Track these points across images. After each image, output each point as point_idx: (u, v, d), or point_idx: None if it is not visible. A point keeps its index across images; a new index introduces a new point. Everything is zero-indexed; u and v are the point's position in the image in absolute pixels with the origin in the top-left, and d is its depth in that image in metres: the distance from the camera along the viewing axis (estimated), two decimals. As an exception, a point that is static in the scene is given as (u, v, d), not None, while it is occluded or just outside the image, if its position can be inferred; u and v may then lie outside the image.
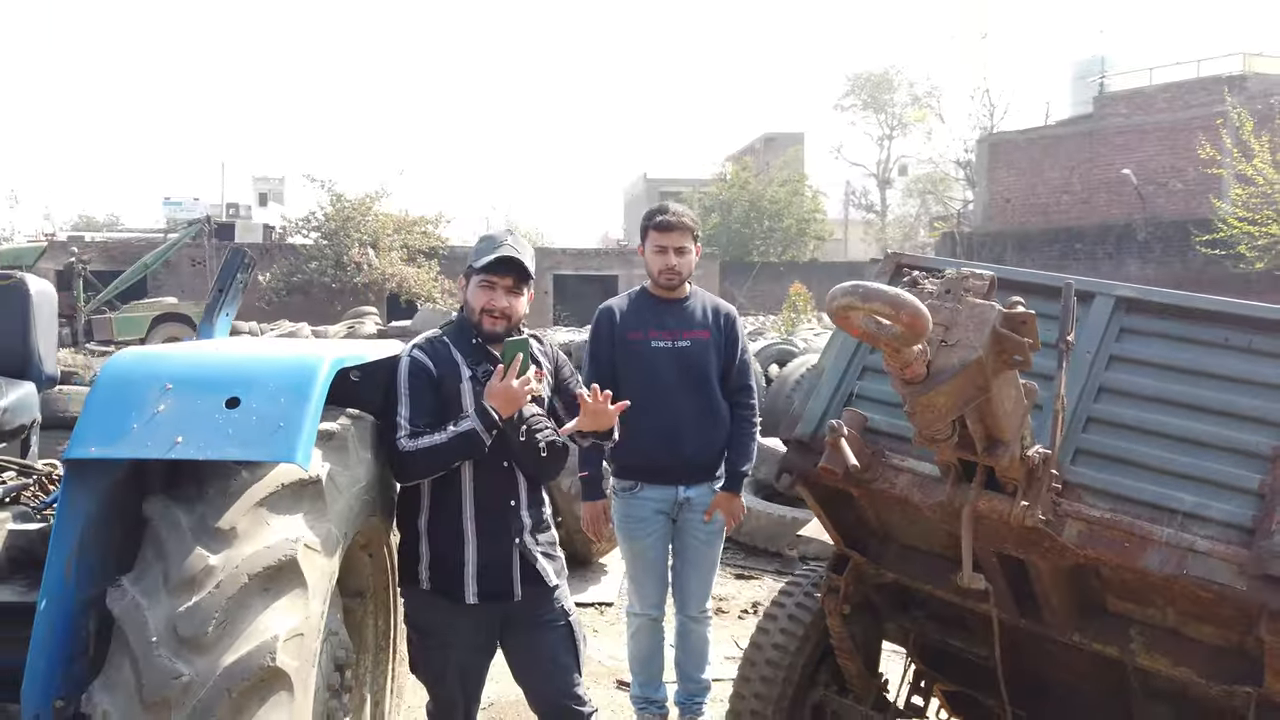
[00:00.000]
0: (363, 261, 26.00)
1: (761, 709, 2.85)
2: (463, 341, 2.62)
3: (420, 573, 2.57)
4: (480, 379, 2.55)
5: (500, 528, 2.55)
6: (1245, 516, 1.93)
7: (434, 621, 2.59)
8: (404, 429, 2.47)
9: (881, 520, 2.63)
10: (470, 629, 2.59)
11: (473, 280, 2.61)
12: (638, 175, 55.37)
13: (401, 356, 2.57)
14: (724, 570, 6.11)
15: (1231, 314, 2.15)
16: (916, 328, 1.48)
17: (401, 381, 2.52)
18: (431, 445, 2.45)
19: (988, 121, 35.98)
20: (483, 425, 2.44)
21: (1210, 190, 21.16)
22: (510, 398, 2.45)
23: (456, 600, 2.54)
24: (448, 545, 2.55)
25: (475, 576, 2.53)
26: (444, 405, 2.53)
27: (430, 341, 2.62)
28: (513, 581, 2.56)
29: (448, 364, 2.56)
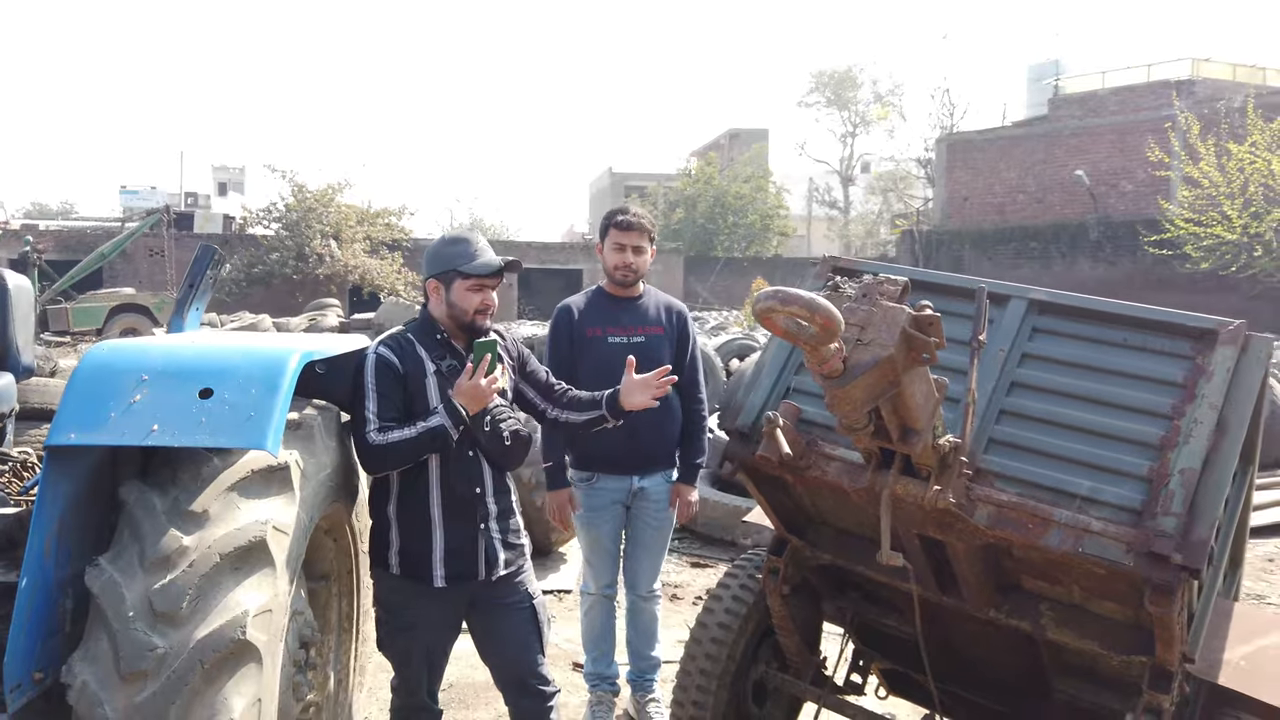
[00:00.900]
0: (325, 253, 25.83)
1: (705, 684, 3.03)
2: (427, 338, 2.71)
3: (390, 558, 2.68)
4: (445, 373, 2.65)
5: (466, 514, 2.67)
6: (1135, 500, 2.13)
7: (402, 603, 2.71)
8: (372, 423, 2.56)
9: (817, 505, 2.81)
10: (437, 611, 2.71)
11: (457, 283, 2.66)
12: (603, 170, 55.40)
13: (368, 354, 2.65)
14: (680, 559, 6.29)
15: (1130, 316, 2.36)
16: (830, 328, 1.66)
17: (369, 377, 2.60)
18: (401, 439, 2.54)
19: (948, 121, 36.52)
20: (451, 421, 2.54)
21: (1159, 192, 21.75)
22: (477, 395, 2.56)
23: (425, 583, 2.66)
24: (416, 531, 2.66)
25: (443, 561, 2.65)
26: (410, 400, 2.63)
27: (395, 339, 2.70)
28: (477, 563, 2.67)
29: (413, 360, 2.65)
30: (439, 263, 2.70)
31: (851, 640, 3.42)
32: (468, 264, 2.65)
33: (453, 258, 2.67)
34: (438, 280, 2.71)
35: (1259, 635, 2.65)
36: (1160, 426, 2.19)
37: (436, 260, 2.71)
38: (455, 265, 2.66)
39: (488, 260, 2.67)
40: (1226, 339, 2.20)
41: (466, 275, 2.65)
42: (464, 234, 2.78)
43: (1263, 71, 25.87)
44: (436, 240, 2.80)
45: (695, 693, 3.03)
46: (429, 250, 2.78)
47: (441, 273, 2.69)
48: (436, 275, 2.71)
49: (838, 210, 48.53)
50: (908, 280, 1.93)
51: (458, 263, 2.66)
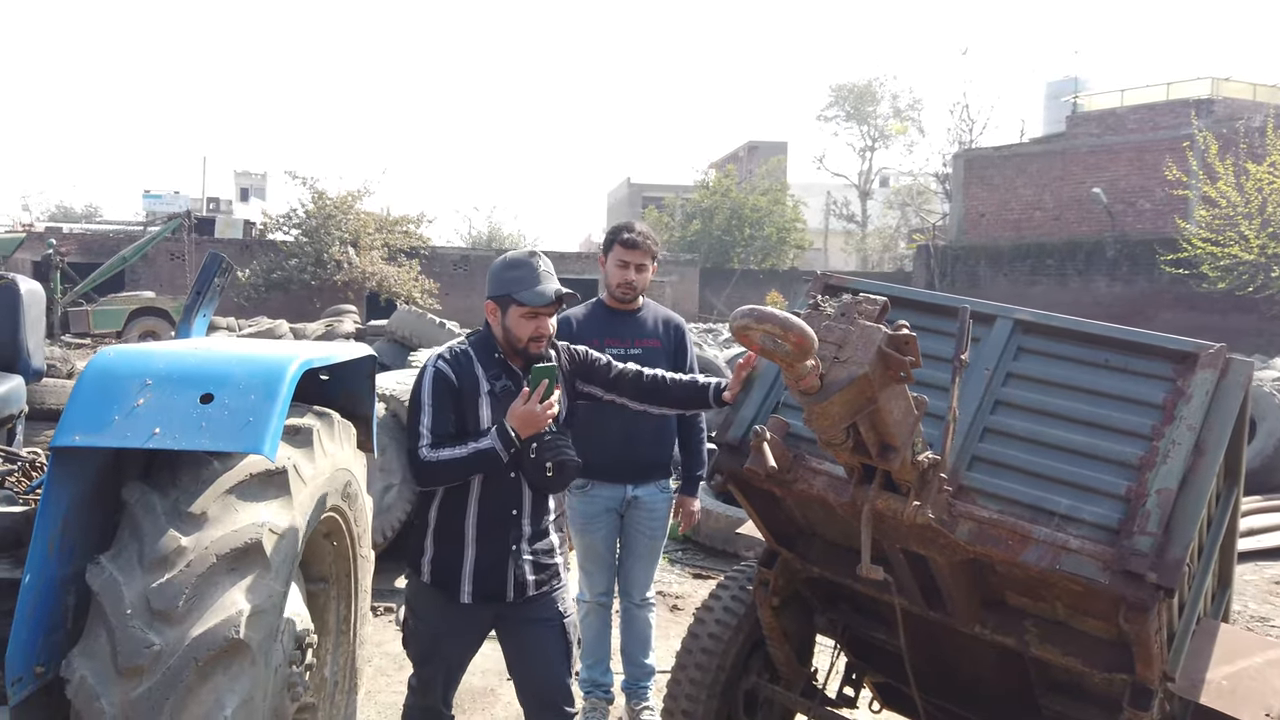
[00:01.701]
0: (343, 260, 26.06)
1: (695, 694, 3.06)
2: (485, 355, 2.71)
3: (423, 565, 2.73)
4: (499, 394, 2.67)
5: (499, 535, 2.69)
6: (1113, 519, 2.16)
7: (429, 611, 2.75)
8: (425, 438, 2.58)
9: (806, 518, 2.85)
10: (463, 623, 2.75)
11: (513, 309, 2.65)
12: (621, 180, 55.60)
13: (426, 366, 2.66)
14: (682, 570, 6.33)
15: (1112, 338, 2.39)
16: (803, 346, 1.71)
17: (425, 391, 2.63)
18: (451, 458, 2.56)
19: (966, 136, 36.50)
20: (501, 444, 2.55)
21: (1176, 211, 21.65)
22: (531, 420, 2.56)
23: (452, 597, 2.70)
24: (450, 544, 2.69)
25: (471, 578, 2.68)
26: (462, 417, 2.65)
27: (454, 353, 2.71)
28: (506, 585, 2.70)
29: (469, 377, 2.66)
30: (496, 286, 2.69)
31: (843, 653, 3.45)
32: (523, 292, 2.63)
33: (509, 283, 2.66)
34: (495, 303, 2.70)
35: (1242, 656, 2.66)
36: (1139, 447, 2.22)
37: (495, 283, 2.70)
38: (511, 292, 2.64)
39: (543, 290, 2.64)
40: (1206, 362, 2.23)
41: (521, 303, 2.64)
42: (524, 258, 2.72)
43: (1283, 91, 25.74)
44: (498, 261, 2.75)
45: (685, 701, 3.07)
46: (491, 269, 2.75)
47: (498, 296, 2.68)
48: (494, 298, 2.70)
49: (855, 224, 48.50)
50: (886, 300, 1.98)
51: (514, 289, 2.64)
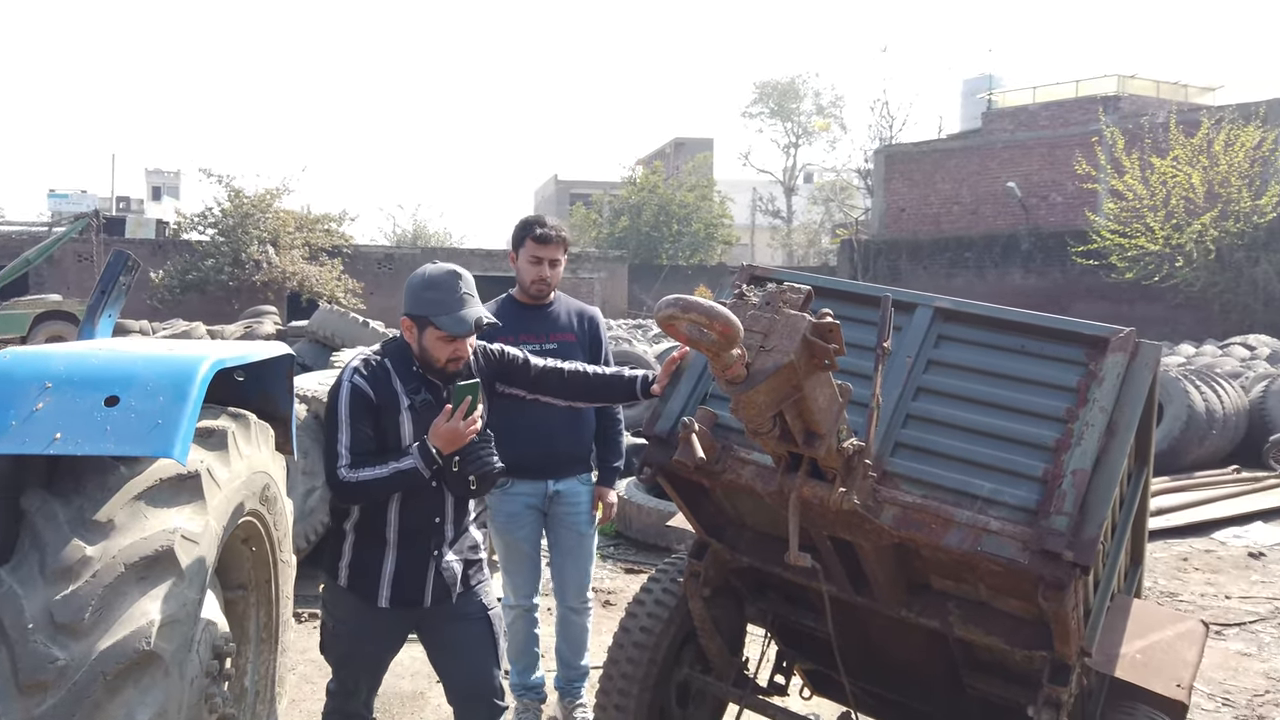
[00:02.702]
0: (262, 260, 25.39)
1: (627, 688, 3.05)
2: (402, 367, 2.63)
3: (340, 570, 2.67)
4: (418, 408, 2.60)
5: (421, 541, 2.65)
6: (1031, 500, 2.21)
7: (346, 615, 2.70)
8: (344, 458, 2.52)
9: (736, 508, 2.86)
10: (381, 627, 2.70)
11: (430, 330, 2.55)
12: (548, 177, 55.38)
13: (342, 382, 2.57)
14: (614, 565, 6.32)
15: (1028, 324, 2.45)
16: (728, 335, 1.71)
17: (342, 409, 2.55)
18: (372, 479, 2.51)
19: (887, 133, 37.25)
20: (423, 463, 2.51)
21: (1087, 204, 22.44)
22: (454, 439, 2.51)
23: (369, 602, 2.64)
24: (369, 551, 2.64)
25: (390, 583, 2.63)
26: (382, 432, 2.58)
27: (369, 365, 2.61)
28: (424, 592, 2.66)
29: (387, 392, 2.58)
30: (414, 304, 2.57)
31: (774, 641, 3.47)
32: (442, 317, 2.53)
33: (428, 304, 2.55)
34: (412, 321, 2.59)
35: (1154, 630, 2.76)
36: (1055, 430, 2.28)
37: (412, 301, 2.58)
38: (429, 314, 2.54)
39: (463, 318, 2.54)
40: (1117, 346, 2.30)
41: (439, 329, 2.54)
42: (444, 278, 2.58)
43: (1184, 88, 26.87)
44: (417, 276, 2.61)
45: (617, 696, 3.06)
46: (409, 283, 2.61)
47: (416, 315, 2.58)
48: (411, 316, 2.59)
49: (781, 219, 49.13)
50: (810, 289, 1.99)
51: (432, 312, 2.54)
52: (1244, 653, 4.97)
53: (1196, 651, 2.70)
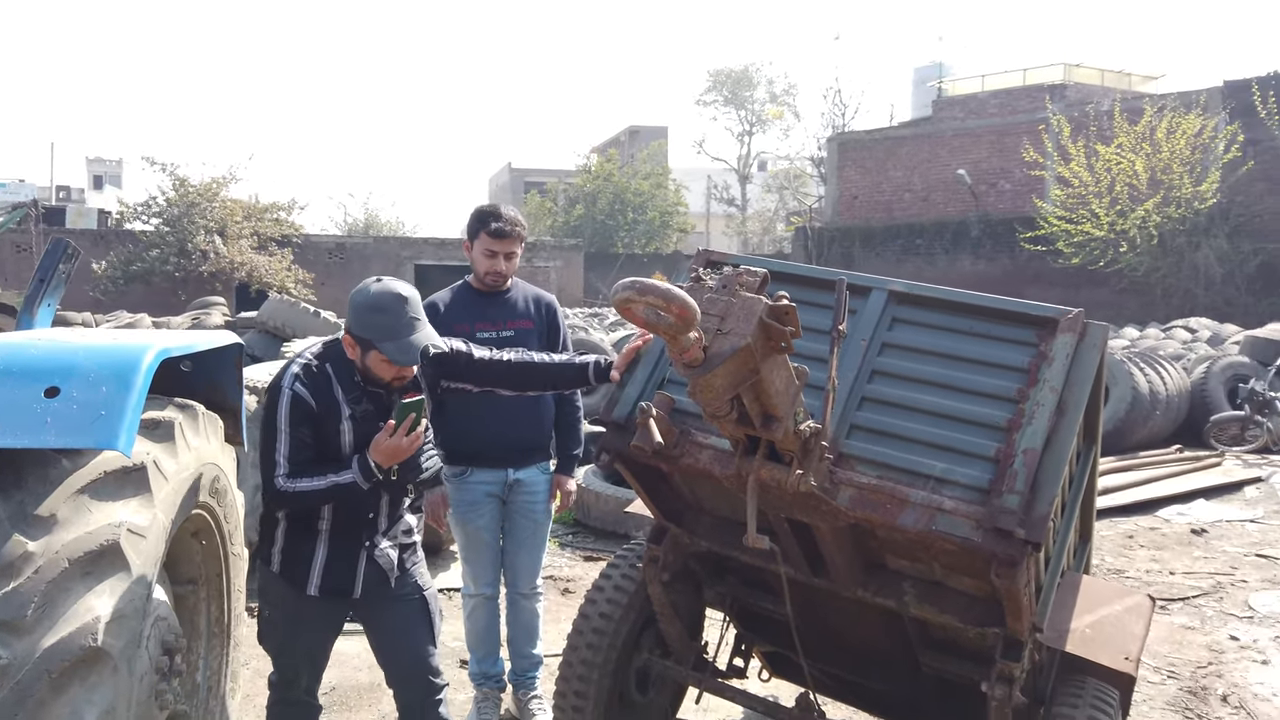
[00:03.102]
0: (209, 250, 24.86)
1: (587, 674, 3.05)
2: (344, 376, 2.57)
3: (273, 555, 2.65)
4: (359, 418, 2.57)
5: (353, 533, 2.64)
6: (983, 479, 2.24)
7: (279, 601, 2.68)
8: (282, 467, 2.50)
9: (694, 493, 2.87)
10: (312, 615, 2.69)
11: (374, 353, 2.49)
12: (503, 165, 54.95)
13: (282, 388, 2.51)
14: (573, 553, 6.31)
15: (980, 306, 2.48)
16: (686, 317, 1.70)
17: (282, 417, 2.50)
18: (310, 490, 2.49)
19: (839, 121, 37.51)
20: (363, 478, 2.48)
21: (1034, 191, 22.83)
22: (396, 455, 2.47)
23: (299, 589, 2.63)
24: (301, 538, 2.63)
25: (320, 573, 2.62)
26: (322, 441, 2.55)
27: (310, 373, 2.55)
28: (354, 582, 2.66)
29: (328, 400, 2.54)
30: (358, 325, 2.50)
31: (732, 625, 3.49)
32: (387, 344, 2.46)
33: (372, 329, 2.47)
34: (354, 341, 2.52)
35: (1103, 605, 2.83)
36: (1007, 410, 2.31)
37: (356, 322, 2.50)
38: (374, 339, 2.47)
39: (410, 345, 2.47)
40: (1066, 326, 2.34)
41: (384, 355, 2.48)
42: (391, 302, 2.48)
43: (1128, 77, 27.43)
44: (362, 295, 2.51)
45: (577, 683, 3.05)
46: (353, 301, 2.52)
47: (359, 337, 2.51)
48: (354, 336, 2.52)
49: (736, 207, 49.30)
50: (766, 272, 1.99)
51: (377, 337, 2.47)
52: (1188, 626, 5.12)
53: (1144, 625, 2.77)
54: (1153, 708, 4.10)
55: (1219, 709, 4.11)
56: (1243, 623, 5.18)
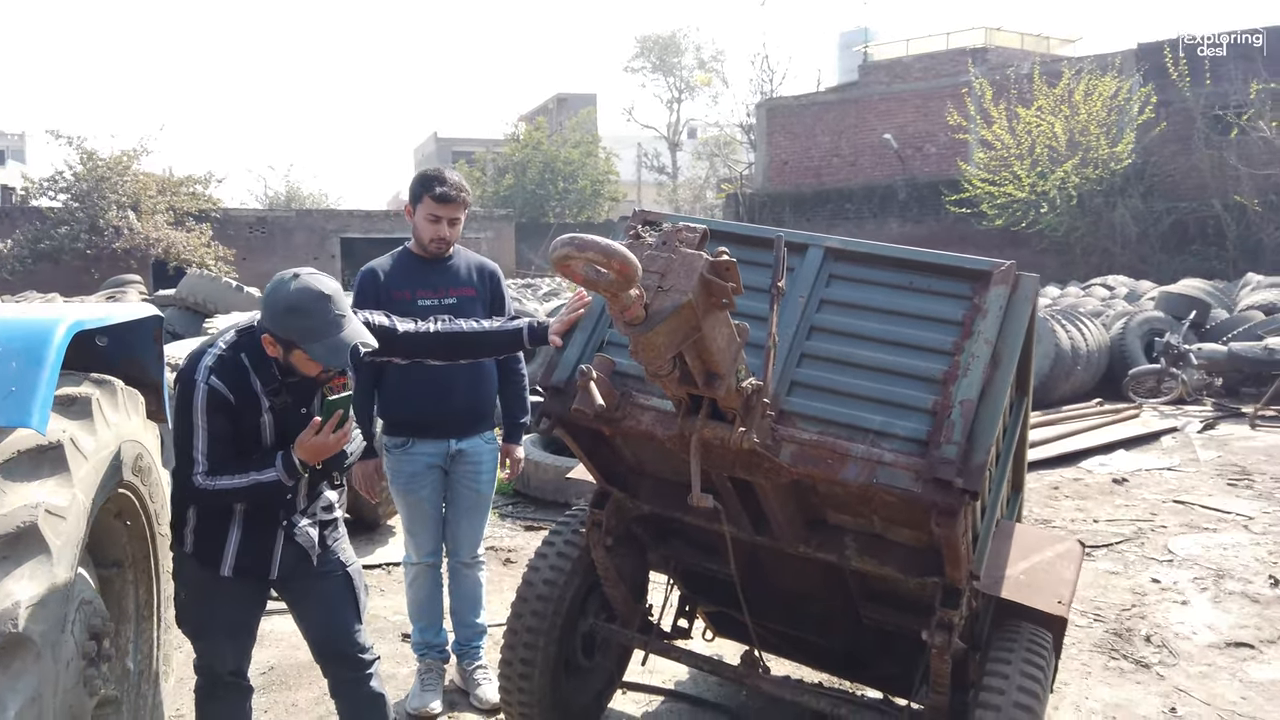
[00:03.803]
0: (122, 226, 23.91)
1: (533, 641, 3.03)
2: (262, 368, 2.46)
3: (185, 536, 2.56)
4: (279, 410, 2.49)
5: (270, 513, 2.56)
6: (921, 432, 2.27)
7: (194, 580, 2.59)
8: (201, 465, 2.40)
9: (636, 456, 2.85)
10: (228, 596, 2.60)
11: (298, 353, 2.38)
12: (428, 134, 53.91)
13: (197, 383, 2.39)
14: (513, 523, 6.28)
15: (915, 260, 2.50)
16: (627, 274, 1.67)
17: (199, 414, 2.39)
18: (230, 488, 2.41)
19: (768, 87, 37.59)
20: (287, 475, 2.42)
21: (958, 154, 23.23)
22: (322, 452, 2.42)
23: (213, 570, 2.54)
24: (214, 518, 2.54)
25: (234, 553, 2.54)
26: (241, 436, 2.46)
27: (226, 366, 2.42)
28: (271, 563, 2.58)
29: (246, 394, 2.44)
30: (277, 327, 2.36)
31: (676, 587, 3.51)
32: (313, 344, 2.34)
33: (295, 332, 2.34)
34: (274, 339, 2.39)
35: (1035, 551, 2.91)
36: (943, 362, 2.34)
37: (275, 324, 2.36)
38: (297, 341, 2.35)
39: (337, 345, 2.34)
40: (999, 279, 2.37)
41: (310, 356, 2.37)
42: (312, 304, 2.34)
43: (1047, 40, 28.00)
44: (280, 296, 2.35)
45: (523, 650, 3.03)
46: (271, 298, 2.37)
47: (280, 338, 2.38)
48: (274, 334, 2.38)
49: (666, 175, 49.20)
50: (706, 228, 1.97)
51: (301, 340, 2.35)
52: (1112, 571, 5.32)
53: (1075, 569, 2.85)
54: (1081, 650, 4.25)
55: (1143, 649, 4.28)
56: (1163, 566, 5.40)
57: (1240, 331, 11.45)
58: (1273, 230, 18.10)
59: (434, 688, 3.60)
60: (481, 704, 3.58)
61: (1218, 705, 3.73)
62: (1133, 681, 3.96)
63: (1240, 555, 5.52)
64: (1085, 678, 4.00)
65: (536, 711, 3.08)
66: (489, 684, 3.60)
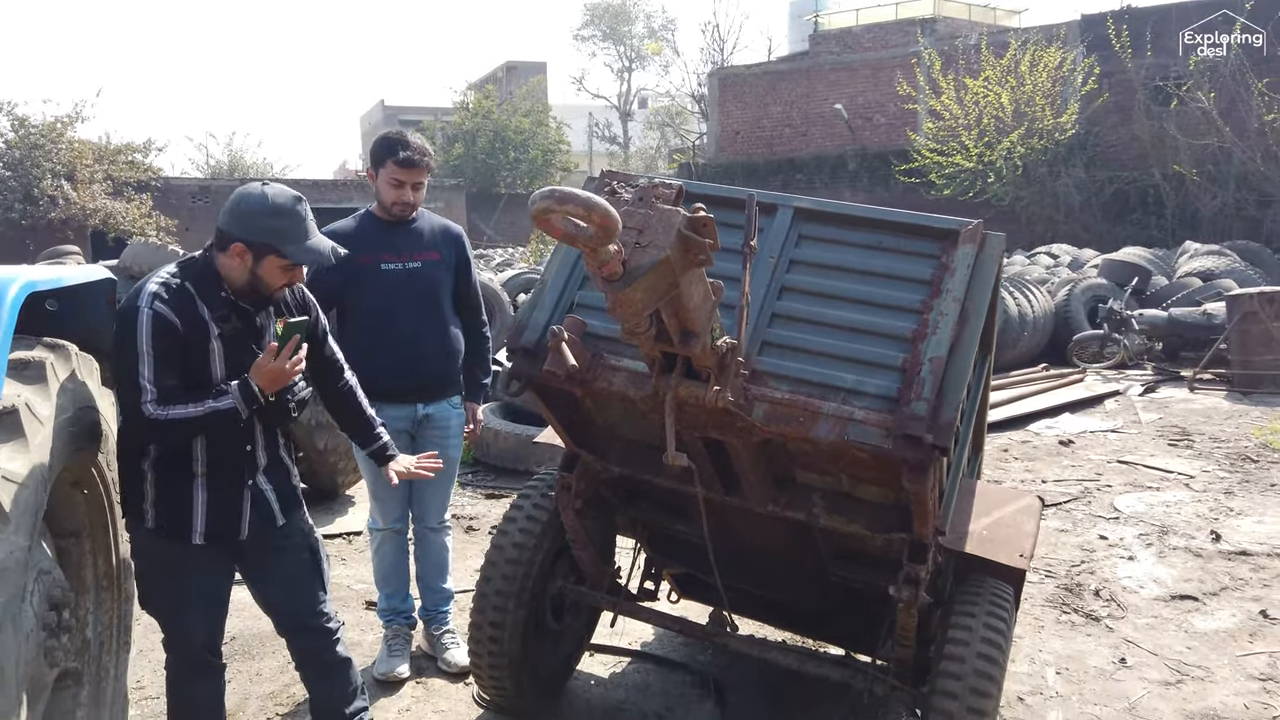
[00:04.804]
0: (57, 195, 23.12)
1: (503, 604, 3.03)
2: (209, 293, 2.40)
3: (145, 511, 2.47)
4: (228, 336, 2.42)
5: (232, 470, 2.50)
6: (892, 389, 2.30)
7: (160, 558, 2.51)
8: (149, 391, 2.29)
9: (605, 418, 2.85)
10: (200, 566, 2.53)
11: (271, 259, 2.35)
12: (375, 103, 52.87)
13: (140, 308, 2.31)
14: (474, 491, 6.25)
15: (884, 220, 2.51)
16: (608, 227, 1.65)
17: (143, 338, 2.29)
18: (186, 417, 2.31)
19: (718, 56, 37.47)
20: (244, 403, 2.35)
21: (908, 124, 23.41)
22: (280, 379, 2.37)
23: (182, 541, 2.47)
24: (176, 488, 2.46)
25: (203, 517, 2.47)
26: (189, 367, 2.38)
27: (171, 292, 2.35)
28: (240, 521, 2.52)
29: (193, 320, 2.36)
30: (254, 232, 2.34)
31: (643, 550, 3.53)
32: (291, 246, 2.34)
33: (273, 233, 2.34)
34: (248, 248, 2.35)
35: (995, 508, 2.97)
36: (912, 321, 2.36)
37: (251, 228, 2.34)
38: (275, 244, 2.34)
39: (317, 247, 2.38)
40: (967, 238, 2.40)
41: (288, 258, 2.36)
42: (291, 206, 2.38)
43: (994, 11, 28.27)
44: (255, 199, 2.36)
45: (493, 613, 3.03)
46: (243, 206, 2.37)
47: (255, 243, 2.35)
48: (248, 243, 2.35)
49: (618, 145, 48.89)
50: (682, 184, 1.96)
51: (279, 241, 2.34)
52: (1061, 529, 5.47)
53: (1035, 523, 2.92)
54: (1034, 604, 4.37)
55: (1092, 602, 4.42)
56: (1110, 523, 5.56)
57: (1180, 298, 11.77)
58: (1209, 200, 18.58)
59: (401, 653, 3.59)
60: (450, 667, 3.57)
61: (1165, 655, 3.87)
62: (1083, 634, 4.08)
63: (1182, 512, 5.71)
64: (1038, 631, 4.11)
65: (506, 674, 3.09)
66: (457, 648, 3.60)
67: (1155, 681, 3.65)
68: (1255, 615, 4.23)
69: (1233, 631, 4.08)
